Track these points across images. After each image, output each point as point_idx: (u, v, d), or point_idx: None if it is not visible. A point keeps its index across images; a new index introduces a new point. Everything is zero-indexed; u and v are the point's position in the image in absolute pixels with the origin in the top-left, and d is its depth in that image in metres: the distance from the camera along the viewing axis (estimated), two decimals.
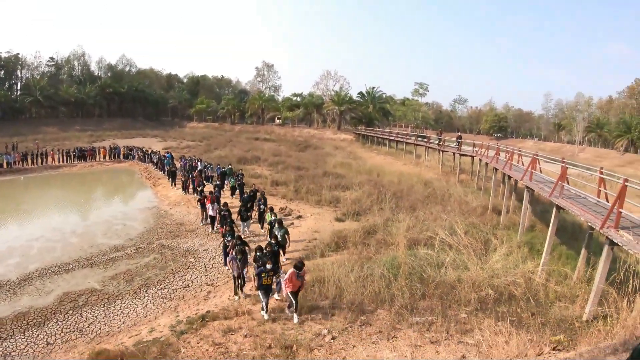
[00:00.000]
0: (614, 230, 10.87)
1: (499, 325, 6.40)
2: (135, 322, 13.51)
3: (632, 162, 67.71)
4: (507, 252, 15.89)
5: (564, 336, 5.75)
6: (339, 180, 34.51)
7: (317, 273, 14.47)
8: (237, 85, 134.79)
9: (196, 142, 66.21)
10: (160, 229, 23.58)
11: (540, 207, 24.60)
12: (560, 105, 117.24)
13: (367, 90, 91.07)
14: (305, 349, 9.62)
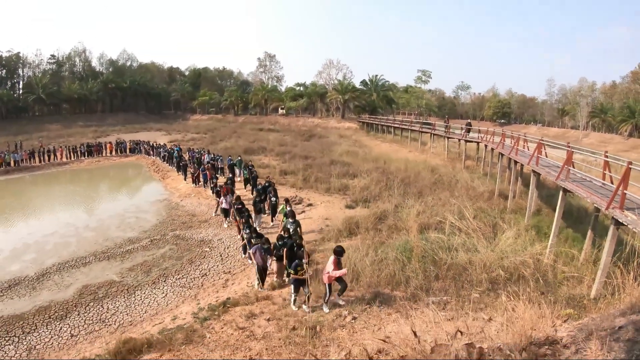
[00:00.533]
0: (619, 210, 11.38)
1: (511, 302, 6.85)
2: (157, 311, 13.74)
3: (637, 147, 67.79)
4: (516, 235, 16.36)
5: (574, 311, 6.18)
6: (347, 169, 34.81)
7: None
8: (239, 77, 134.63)
9: (201, 135, 66.50)
10: (173, 221, 23.80)
11: (545, 191, 25.02)
12: (563, 91, 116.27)
13: (370, 78, 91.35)
14: (329, 329, 10.02)
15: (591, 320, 4.59)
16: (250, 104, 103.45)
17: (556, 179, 16.51)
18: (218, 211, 23.60)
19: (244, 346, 9.96)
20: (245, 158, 36.99)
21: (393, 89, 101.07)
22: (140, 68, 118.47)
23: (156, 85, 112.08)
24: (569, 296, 10.48)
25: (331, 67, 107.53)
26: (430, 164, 35.92)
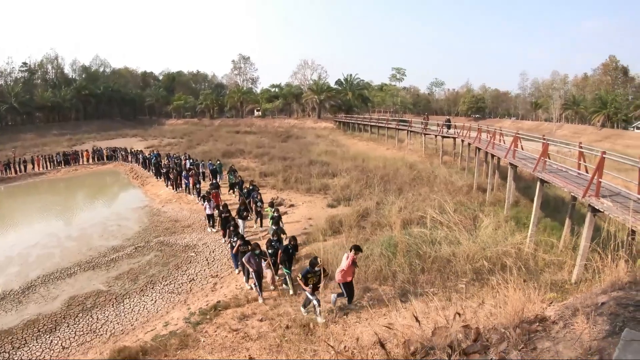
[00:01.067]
0: (595, 198, 11.86)
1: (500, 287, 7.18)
2: (148, 319, 13.72)
3: (609, 137, 69.71)
4: (496, 227, 16.84)
5: (557, 294, 6.52)
6: (326, 168, 35.19)
7: (320, 256, 15.11)
8: (213, 80, 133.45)
9: (177, 139, 66.15)
10: (156, 227, 23.67)
11: (522, 183, 25.59)
12: (536, 84, 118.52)
13: (345, 77, 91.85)
14: (323, 325, 10.23)
15: (575, 299, 4.90)
16: (225, 107, 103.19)
17: (533, 170, 17.02)
18: (217, 227, 22.05)
19: (241, 347, 10.13)
20: (224, 161, 37.11)
21: (368, 88, 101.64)
22: (113, 74, 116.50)
23: (130, 90, 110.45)
24: (551, 282, 10.91)
25: (306, 67, 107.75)
26: (408, 161, 36.44)
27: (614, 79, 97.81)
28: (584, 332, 3.60)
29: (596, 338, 3.48)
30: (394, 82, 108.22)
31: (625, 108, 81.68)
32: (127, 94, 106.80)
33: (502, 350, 3.55)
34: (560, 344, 3.50)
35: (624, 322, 3.68)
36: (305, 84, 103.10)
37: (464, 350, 3.64)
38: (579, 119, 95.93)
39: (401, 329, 4.74)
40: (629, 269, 5.76)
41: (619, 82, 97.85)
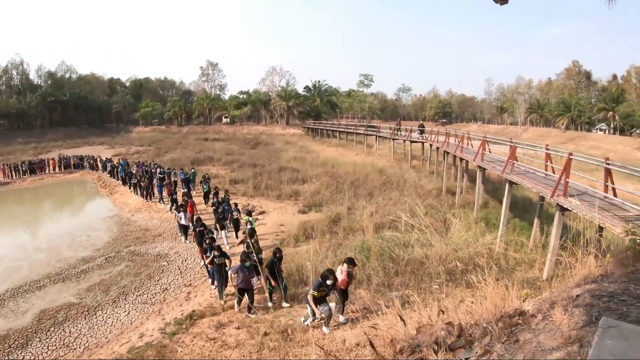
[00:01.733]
0: (563, 197, 12.19)
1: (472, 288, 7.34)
2: (122, 330, 13.37)
3: (573, 139, 71.77)
4: (466, 228, 17.18)
5: (530, 291, 6.68)
6: (296, 174, 35.21)
7: (294, 262, 15.15)
8: (181, 87, 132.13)
9: (145, 147, 65.17)
10: (126, 237, 23.25)
11: (490, 185, 26.09)
12: (501, 89, 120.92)
13: (313, 84, 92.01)
14: (301, 331, 10.15)
15: (550, 294, 5.05)
16: (193, 114, 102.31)
17: (502, 172, 17.38)
18: (190, 239, 21.19)
19: (220, 355, 10.02)
20: (195, 169, 36.92)
21: (336, 94, 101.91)
22: (80, 80, 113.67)
23: (97, 97, 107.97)
24: (524, 279, 11.16)
25: (274, 74, 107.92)
26: (377, 166, 36.78)
27: (577, 83, 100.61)
28: (563, 323, 3.72)
29: (575, 328, 3.61)
30: (362, 88, 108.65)
31: (589, 111, 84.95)
32: (94, 100, 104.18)
33: (486, 344, 3.65)
34: (541, 335, 3.61)
35: (600, 312, 3.82)
36: (274, 90, 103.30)
37: (450, 346, 3.74)
38: (543, 122, 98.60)
39: (386, 329, 4.82)
40: (599, 264, 5.94)
41: (582, 86, 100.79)
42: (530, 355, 3.26)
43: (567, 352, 3.19)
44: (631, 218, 9.84)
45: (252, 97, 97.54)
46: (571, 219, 14.29)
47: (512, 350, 3.45)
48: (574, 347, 3.25)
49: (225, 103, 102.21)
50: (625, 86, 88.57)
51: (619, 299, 4.18)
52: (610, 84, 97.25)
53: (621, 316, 3.71)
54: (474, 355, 3.49)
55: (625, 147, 63.65)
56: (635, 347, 3.01)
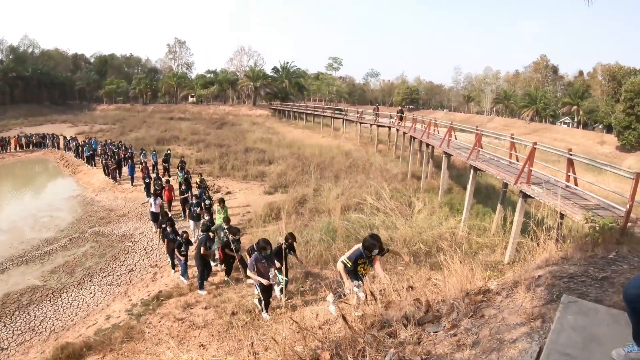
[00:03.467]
0: (527, 185, 12.54)
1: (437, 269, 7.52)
2: (88, 313, 13.11)
3: (537, 130, 73.72)
4: (431, 212, 17.50)
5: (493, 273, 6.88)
6: (262, 155, 35.26)
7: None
8: (147, 64, 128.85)
9: (109, 125, 63.40)
10: (90, 217, 22.73)
11: (455, 171, 26.51)
12: (469, 78, 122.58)
13: (282, 65, 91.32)
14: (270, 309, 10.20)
15: (513, 274, 5.24)
16: (159, 93, 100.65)
17: (467, 159, 17.72)
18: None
19: (189, 335, 10.03)
20: (158, 149, 36.49)
21: (304, 76, 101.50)
22: (43, 55, 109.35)
23: (60, 73, 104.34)
24: (486, 262, 11.43)
25: (242, 53, 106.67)
26: (343, 149, 36.90)
27: (544, 76, 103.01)
28: (526, 300, 3.89)
29: (537, 305, 3.78)
30: (331, 72, 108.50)
31: (554, 104, 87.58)
32: (57, 77, 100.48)
33: (453, 319, 3.79)
34: (505, 311, 3.77)
35: (560, 291, 4.01)
36: (242, 70, 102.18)
37: (418, 321, 3.86)
38: (509, 113, 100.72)
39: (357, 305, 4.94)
40: (559, 248, 6.16)
41: (549, 80, 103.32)
42: (494, 329, 3.41)
43: (531, 327, 3.35)
44: (591, 207, 10.18)
45: (219, 77, 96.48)
46: (533, 206, 14.73)
47: (478, 324, 3.59)
48: (537, 322, 3.41)
49: (192, 82, 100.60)
50: (590, 82, 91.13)
51: (578, 280, 4.39)
52: (576, 79, 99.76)
53: (581, 295, 3.90)
54: (442, 330, 3.62)
55: (587, 141, 65.59)
56: (594, 321, 3.19)
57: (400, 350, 3.24)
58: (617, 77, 74.32)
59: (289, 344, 4.25)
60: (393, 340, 3.49)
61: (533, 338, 3.15)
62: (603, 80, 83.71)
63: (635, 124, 56.12)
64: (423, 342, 3.44)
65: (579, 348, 2.85)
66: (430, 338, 3.51)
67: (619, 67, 77.78)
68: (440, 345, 3.32)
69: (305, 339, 3.98)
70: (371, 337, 3.47)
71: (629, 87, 57.81)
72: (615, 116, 60.75)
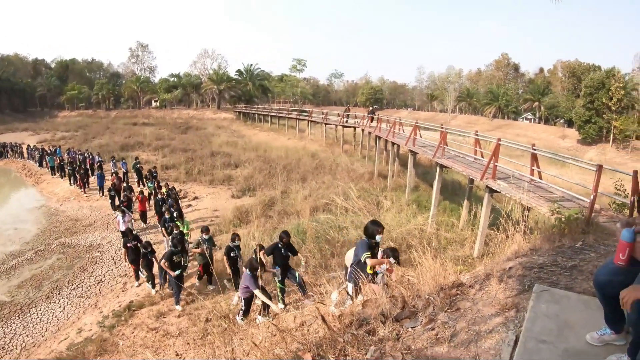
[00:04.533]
0: (492, 180, 12.78)
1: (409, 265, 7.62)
2: (59, 327, 12.79)
3: (500, 127, 75.54)
4: (398, 210, 17.64)
5: (464, 267, 7.00)
6: (228, 159, 35.13)
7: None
8: (109, 69, 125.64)
9: (72, 132, 61.80)
10: (56, 228, 22.13)
11: (421, 169, 26.81)
12: (432, 78, 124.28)
13: (246, 67, 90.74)
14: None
15: (484, 267, 5.35)
16: (122, 98, 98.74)
17: (433, 157, 17.94)
18: None
19: (164, 345, 9.93)
20: (123, 155, 35.96)
21: (268, 78, 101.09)
22: (2, 61, 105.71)
23: (20, 80, 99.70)
24: (456, 257, 11.62)
25: (206, 56, 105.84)
26: (309, 150, 36.99)
27: (505, 74, 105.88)
28: (499, 292, 3.98)
29: (510, 295, 3.87)
30: (295, 73, 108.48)
31: (516, 101, 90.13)
32: (17, 83, 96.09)
33: (430, 313, 3.85)
34: (480, 303, 3.85)
35: (532, 281, 4.12)
36: (205, 73, 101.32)
37: (395, 318, 3.91)
38: (472, 111, 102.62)
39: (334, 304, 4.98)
40: (527, 240, 6.30)
41: (511, 77, 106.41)
42: (471, 321, 3.48)
43: (506, 317, 3.43)
44: (556, 199, 10.45)
45: (182, 80, 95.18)
46: (499, 201, 15.01)
47: (454, 317, 3.66)
48: (511, 312, 3.50)
49: (155, 86, 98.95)
50: (551, 79, 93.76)
51: (548, 270, 4.51)
52: (537, 76, 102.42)
53: (551, 284, 4.01)
54: (420, 324, 3.68)
55: (549, 136, 67.28)
56: (566, 308, 3.29)
57: (380, 347, 3.28)
58: (576, 74, 77.17)
59: (268, 347, 4.26)
60: (372, 337, 3.53)
61: (509, 327, 3.23)
62: (563, 76, 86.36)
63: (595, 118, 58.06)
64: (402, 337, 3.49)
65: (554, 334, 2.94)
66: (408, 333, 3.56)
67: (578, 64, 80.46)
68: (419, 339, 3.38)
69: (285, 341, 4.00)
70: (351, 335, 3.50)
71: (589, 82, 59.84)
72: (576, 111, 62.79)
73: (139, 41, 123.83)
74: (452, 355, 3.01)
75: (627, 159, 52.21)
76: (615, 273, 2.80)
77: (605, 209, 9.45)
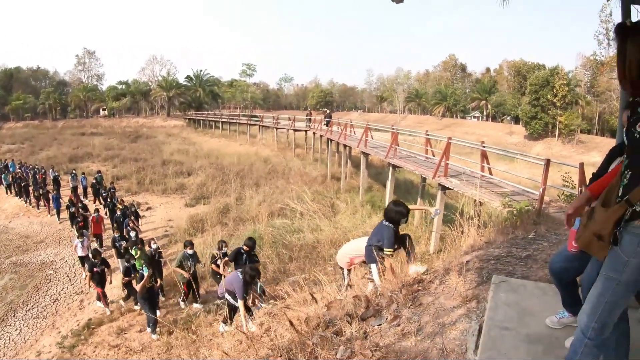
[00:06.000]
0: (445, 178, 13.08)
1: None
2: (17, 351, 12.28)
3: (449, 126, 77.04)
4: (353, 212, 17.85)
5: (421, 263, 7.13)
6: (180, 167, 34.69)
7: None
8: (55, 77, 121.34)
9: (18, 145, 59.50)
10: (5, 246, 21.15)
11: (373, 170, 27.05)
12: (381, 79, 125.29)
13: (195, 73, 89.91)
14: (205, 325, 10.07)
15: (442, 262, 5.48)
16: (69, 107, 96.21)
17: (385, 157, 18.20)
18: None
19: None
20: (72, 167, 34.96)
21: (218, 84, 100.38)
22: None
23: None
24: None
25: (155, 63, 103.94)
26: (262, 155, 36.89)
27: (453, 74, 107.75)
28: (459, 285, 4.09)
29: (470, 288, 3.99)
30: (244, 78, 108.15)
31: (464, 100, 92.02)
32: None
33: (394, 310, 3.93)
34: (441, 297, 3.95)
35: (489, 273, 4.26)
36: (154, 80, 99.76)
37: (361, 317, 3.98)
38: (421, 111, 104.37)
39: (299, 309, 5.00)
40: (481, 234, 6.48)
41: (458, 77, 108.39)
42: (434, 314, 3.58)
43: (467, 308, 3.54)
44: (507, 193, 10.81)
45: (131, 88, 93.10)
46: (451, 198, 15.34)
47: (418, 312, 3.75)
48: (472, 304, 3.61)
49: (103, 94, 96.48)
50: (497, 78, 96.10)
51: (504, 261, 4.67)
52: (484, 75, 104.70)
53: (509, 274, 4.16)
54: (385, 322, 3.75)
55: (497, 133, 69.16)
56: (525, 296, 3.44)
57: (349, 346, 3.33)
58: (522, 72, 79.80)
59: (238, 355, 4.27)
60: (340, 338, 3.58)
61: (471, 318, 3.33)
62: (509, 75, 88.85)
63: (540, 114, 60.06)
64: (369, 335, 3.56)
65: (515, 321, 3.07)
66: (375, 331, 3.63)
67: (523, 63, 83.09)
68: (386, 336, 3.45)
69: (255, 348, 4.02)
70: (319, 337, 3.54)
71: (534, 80, 61.93)
72: (522, 108, 64.91)
73: (86, 48, 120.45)
74: (420, 348, 3.09)
75: (572, 152, 54.11)
76: (570, 259, 2.94)
77: (555, 200, 9.80)
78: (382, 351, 3.13)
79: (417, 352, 3.04)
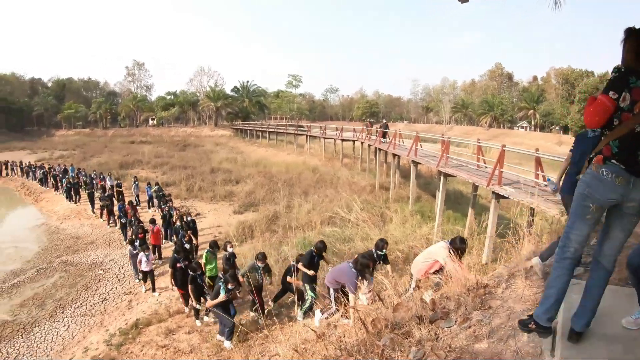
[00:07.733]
0: (499, 186, 12.91)
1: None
2: (64, 346, 12.43)
3: (497, 136, 75.65)
4: (403, 221, 17.73)
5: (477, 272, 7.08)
6: (228, 175, 35.28)
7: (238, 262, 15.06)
8: (105, 87, 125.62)
9: (70, 151, 62.00)
10: (57, 246, 21.90)
11: (422, 180, 26.90)
12: (427, 90, 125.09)
13: (242, 84, 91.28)
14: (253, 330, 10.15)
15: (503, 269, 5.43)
16: (119, 116, 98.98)
17: (437, 166, 18.05)
18: (139, 275, 16.03)
19: None
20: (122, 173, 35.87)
21: (264, 95, 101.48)
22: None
23: (17, 99, 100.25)
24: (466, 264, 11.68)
25: (202, 74, 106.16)
26: (310, 165, 37.11)
27: (499, 84, 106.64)
28: (526, 289, 4.07)
29: (537, 292, 3.96)
30: (290, 89, 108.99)
31: (511, 110, 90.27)
32: (14, 103, 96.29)
33: (463, 313, 3.94)
34: (509, 301, 3.94)
35: None
36: (202, 91, 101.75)
37: (430, 319, 4.00)
38: (467, 121, 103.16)
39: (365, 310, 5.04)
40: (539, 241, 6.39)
41: (505, 86, 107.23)
42: (505, 318, 3.57)
43: None
44: None
45: (179, 98, 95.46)
46: (502, 208, 15.11)
47: (488, 315, 3.74)
48: None
49: (152, 104, 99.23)
50: (545, 87, 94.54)
51: None
52: (531, 84, 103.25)
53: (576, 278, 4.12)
54: (455, 324, 3.76)
55: (546, 143, 67.64)
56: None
57: (420, 347, 3.36)
58: (570, 80, 77.83)
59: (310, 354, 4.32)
60: (410, 339, 3.60)
61: None
62: (557, 83, 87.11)
63: None
64: (440, 337, 3.57)
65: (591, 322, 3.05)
66: (446, 333, 3.64)
67: (571, 70, 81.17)
68: (457, 338, 3.46)
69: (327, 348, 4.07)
70: (389, 339, 3.57)
71: (583, 88, 60.42)
72: (571, 117, 63.36)
73: (136, 60, 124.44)
74: (494, 350, 3.10)
75: None
76: None
77: None
78: (457, 352, 3.15)
79: (491, 353, 3.05)
